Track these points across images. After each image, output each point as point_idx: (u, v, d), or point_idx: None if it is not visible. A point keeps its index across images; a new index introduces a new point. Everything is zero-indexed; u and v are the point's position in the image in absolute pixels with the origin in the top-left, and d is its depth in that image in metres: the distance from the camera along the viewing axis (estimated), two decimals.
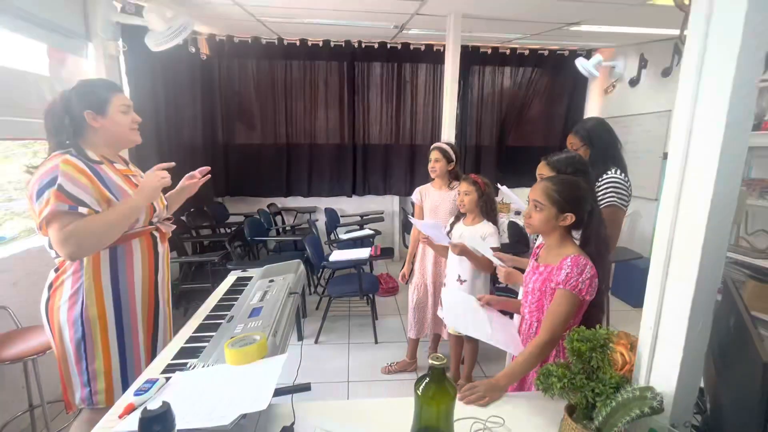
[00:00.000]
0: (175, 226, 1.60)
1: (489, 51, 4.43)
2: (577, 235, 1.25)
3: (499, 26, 3.18)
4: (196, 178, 1.62)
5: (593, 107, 4.71)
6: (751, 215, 2.93)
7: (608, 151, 1.77)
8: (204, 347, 1.21)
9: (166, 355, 1.19)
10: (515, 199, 2.13)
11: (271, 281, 1.71)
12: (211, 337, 1.28)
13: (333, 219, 4.28)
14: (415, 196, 2.40)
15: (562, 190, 1.16)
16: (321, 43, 4.25)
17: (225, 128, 4.36)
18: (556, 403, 1.04)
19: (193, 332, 1.34)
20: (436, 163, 2.27)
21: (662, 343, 0.83)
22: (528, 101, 4.70)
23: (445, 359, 0.82)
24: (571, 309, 1.12)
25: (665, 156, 3.67)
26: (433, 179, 2.37)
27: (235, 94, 4.34)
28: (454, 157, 2.26)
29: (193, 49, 3.80)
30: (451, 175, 2.30)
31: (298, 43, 4.22)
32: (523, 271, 1.76)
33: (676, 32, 3.29)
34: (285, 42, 4.20)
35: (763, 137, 2.66)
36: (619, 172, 1.74)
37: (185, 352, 1.20)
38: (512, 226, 3.86)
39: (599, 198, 1.68)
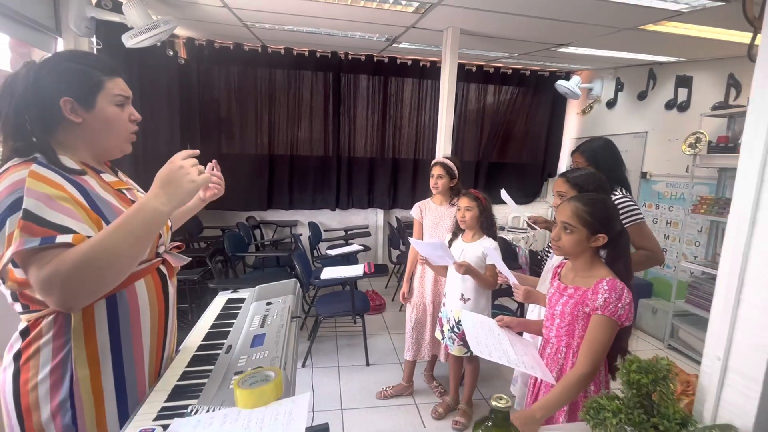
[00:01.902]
0: (189, 259, 1.17)
1: (474, 68, 4.51)
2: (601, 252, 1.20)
3: (492, 44, 3.22)
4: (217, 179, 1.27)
5: (572, 127, 4.87)
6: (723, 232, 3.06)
7: (613, 173, 1.77)
8: (203, 385, 1.05)
9: (157, 397, 1.01)
10: (514, 207, 2.08)
11: (269, 304, 1.55)
12: (210, 371, 1.11)
13: (316, 233, 4.12)
14: (415, 211, 2.32)
15: (593, 211, 1.11)
16: (307, 53, 4.15)
17: (203, 136, 4.14)
18: None
19: (187, 366, 1.16)
20: (439, 180, 2.20)
21: (734, 376, 0.77)
22: (509, 119, 4.80)
23: (509, 401, 0.72)
24: (611, 336, 1.06)
25: (643, 175, 3.84)
26: (434, 195, 2.30)
27: (213, 101, 4.15)
28: (456, 173, 2.21)
29: (171, 52, 3.60)
30: (453, 192, 2.24)
31: (282, 51, 4.11)
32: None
33: (653, 58, 3.46)
34: (269, 50, 4.08)
35: (735, 159, 2.79)
36: (624, 191, 1.74)
37: (181, 392, 1.03)
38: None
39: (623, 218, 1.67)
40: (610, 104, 4.29)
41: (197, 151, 0.95)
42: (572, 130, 4.86)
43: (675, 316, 3.21)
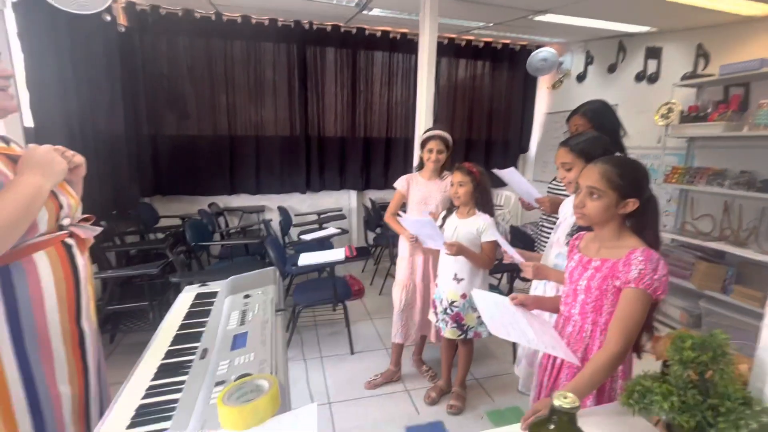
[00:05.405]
0: (100, 229, 1.13)
1: (445, 41, 4.33)
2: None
3: (470, 10, 3.04)
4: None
5: (542, 102, 4.86)
6: (696, 201, 3.16)
7: (614, 136, 1.69)
8: (176, 402, 0.85)
9: (116, 422, 0.80)
10: (520, 183, 1.92)
11: (247, 297, 1.35)
12: (183, 383, 0.91)
13: (286, 219, 3.86)
14: (400, 183, 2.14)
15: (623, 173, 0.99)
16: (267, 22, 3.79)
17: (151, 116, 3.70)
18: (626, 418, 0.89)
19: (153, 378, 0.95)
20: (439, 155, 2.03)
21: None
22: (482, 94, 4.70)
23: (576, 400, 0.59)
24: (645, 311, 0.96)
25: None
26: (421, 169, 2.14)
27: (162, 77, 3.71)
28: (451, 144, 2.06)
29: (109, 17, 3.13)
30: (444, 165, 2.10)
31: (239, 19, 3.72)
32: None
33: (623, 28, 3.45)
34: (224, 18, 3.68)
35: (706, 128, 2.85)
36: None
37: (147, 413, 0.82)
38: None
39: None
40: (580, 78, 4.29)
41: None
42: (543, 106, 4.85)
43: None
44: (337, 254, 2.35)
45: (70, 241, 1.00)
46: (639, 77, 3.63)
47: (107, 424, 0.79)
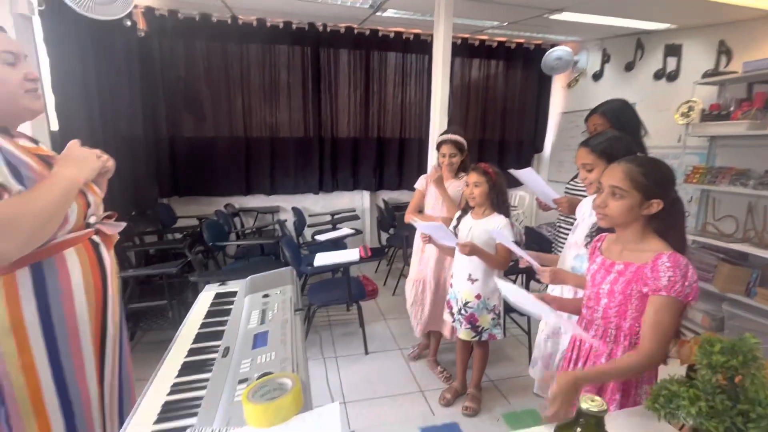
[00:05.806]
0: (125, 224, 1.17)
1: (459, 42, 4.32)
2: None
3: (484, 9, 3.02)
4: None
5: (558, 102, 4.80)
6: (718, 202, 3.07)
7: (635, 136, 1.66)
8: (201, 398, 0.87)
9: (145, 417, 0.82)
10: (537, 183, 1.87)
11: (266, 296, 1.37)
12: (207, 381, 0.93)
13: (300, 219, 3.90)
14: (420, 182, 2.22)
15: (648, 172, 0.97)
16: (281, 25, 3.84)
17: (169, 118, 3.78)
18: (651, 423, 0.87)
19: (177, 375, 0.97)
20: (452, 159, 2.09)
21: None
22: (496, 94, 4.66)
23: (604, 404, 0.58)
24: (679, 317, 0.95)
25: None
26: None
27: (180, 80, 3.78)
28: (466, 147, 2.08)
29: (129, 23, 3.21)
30: (461, 166, 2.11)
31: (255, 22, 3.77)
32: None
33: (641, 25, 3.38)
34: (239, 21, 3.73)
35: (729, 126, 2.78)
36: None
37: (174, 409, 0.84)
38: None
39: None
40: (597, 76, 4.23)
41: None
42: (558, 105, 4.79)
43: None
44: (351, 254, 2.37)
45: (96, 238, 1.04)
46: (658, 75, 3.55)
47: (135, 419, 0.81)
